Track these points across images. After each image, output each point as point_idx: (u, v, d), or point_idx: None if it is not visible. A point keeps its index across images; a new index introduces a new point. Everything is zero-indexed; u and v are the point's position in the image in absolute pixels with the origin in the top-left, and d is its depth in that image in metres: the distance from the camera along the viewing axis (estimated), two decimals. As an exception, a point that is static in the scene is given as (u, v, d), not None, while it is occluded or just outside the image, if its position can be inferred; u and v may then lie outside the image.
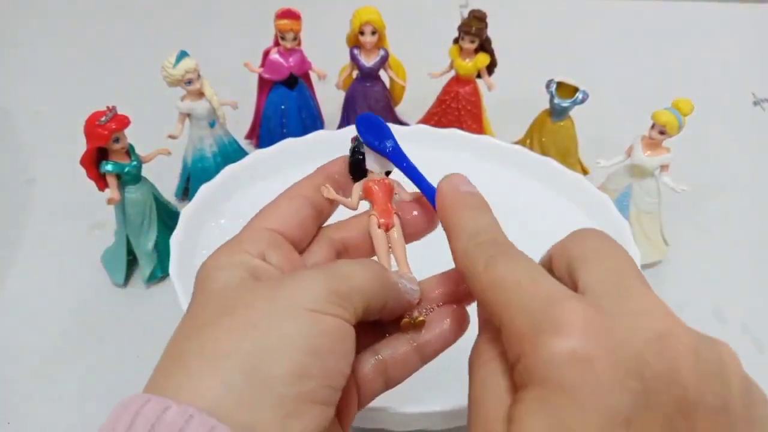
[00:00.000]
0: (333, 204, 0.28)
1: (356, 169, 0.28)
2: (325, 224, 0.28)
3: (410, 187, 0.28)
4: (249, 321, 0.21)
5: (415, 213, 0.28)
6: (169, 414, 0.18)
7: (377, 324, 0.26)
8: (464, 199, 0.25)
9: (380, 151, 0.27)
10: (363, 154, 0.28)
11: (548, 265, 0.23)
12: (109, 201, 0.45)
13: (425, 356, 0.27)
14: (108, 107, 0.43)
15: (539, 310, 0.19)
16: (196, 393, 0.19)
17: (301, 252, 0.27)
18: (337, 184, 0.28)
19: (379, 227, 0.27)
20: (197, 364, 0.20)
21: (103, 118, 0.43)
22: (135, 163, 0.46)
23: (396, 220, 0.27)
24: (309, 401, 0.20)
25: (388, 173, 0.28)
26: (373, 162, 0.28)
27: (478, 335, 0.24)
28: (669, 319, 0.19)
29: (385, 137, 0.27)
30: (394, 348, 0.26)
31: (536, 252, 0.49)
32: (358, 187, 0.28)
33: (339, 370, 0.22)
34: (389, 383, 0.27)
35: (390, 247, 0.27)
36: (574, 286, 0.21)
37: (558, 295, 0.19)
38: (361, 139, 0.27)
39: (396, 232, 0.27)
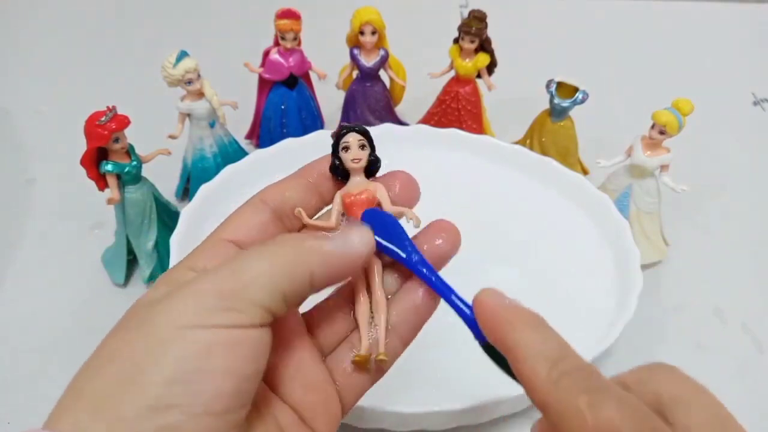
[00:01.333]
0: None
1: (337, 169, 0.26)
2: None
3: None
4: (109, 354, 0.20)
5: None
6: None
7: (347, 310, 0.25)
8: (522, 315, 0.22)
9: (402, 261, 0.24)
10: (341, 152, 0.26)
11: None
12: (109, 201, 0.45)
13: (404, 339, 0.25)
14: (108, 107, 0.43)
15: None
16: None
17: None
18: (316, 188, 0.26)
19: None
20: (60, 403, 0.19)
21: (103, 118, 0.43)
22: (135, 163, 0.46)
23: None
24: None
25: (368, 171, 0.26)
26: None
27: None
28: None
29: (402, 240, 0.24)
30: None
31: (536, 252, 0.49)
32: (337, 202, 0.26)
33: (218, 391, 0.19)
34: (376, 375, 0.25)
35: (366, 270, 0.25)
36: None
37: None
38: (371, 229, 0.24)
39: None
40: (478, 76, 0.59)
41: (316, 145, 0.52)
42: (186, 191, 0.57)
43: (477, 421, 0.38)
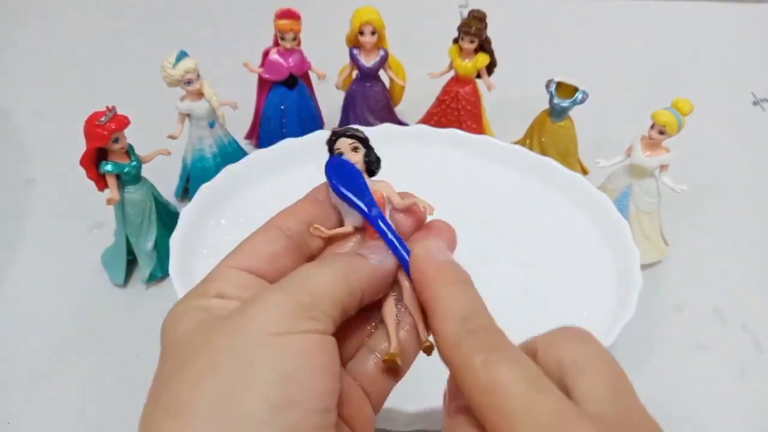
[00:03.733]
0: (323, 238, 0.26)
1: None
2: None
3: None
4: (209, 365, 0.19)
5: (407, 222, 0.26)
6: None
7: (363, 317, 0.25)
8: (446, 272, 0.22)
9: (357, 209, 0.25)
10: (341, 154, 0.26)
11: (532, 356, 0.22)
12: (109, 201, 0.46)
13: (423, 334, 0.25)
14: (108, 107, 0.43)
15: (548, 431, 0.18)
16: None
17: None
18: (328, 205, 0.26)
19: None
20: (164, 425, 0.18)
21: (103, 118, 0.43)
22: (135, 163, 0.46)
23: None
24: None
25: (370, 171, 0.26)
26: (348, 215, 0.25)
27: (453, 422, 0.22)
28: None
29: (361, 192, 0.25)
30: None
31: (536, 252, 0.49)
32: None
33: (324, 388, 0.20)
34: (398, 375, 0.25)
35: None
36: (565, 390, 0.20)
37: (568, 416, 0.18)
38: (332, 189, 0.25)
39: None
40: (478, 76, 0.59)
41: (316, 145, 0.51)
42: (186, 191, 0.57)
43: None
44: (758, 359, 0.47)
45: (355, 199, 0.25)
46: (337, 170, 0.25)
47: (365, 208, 0.25)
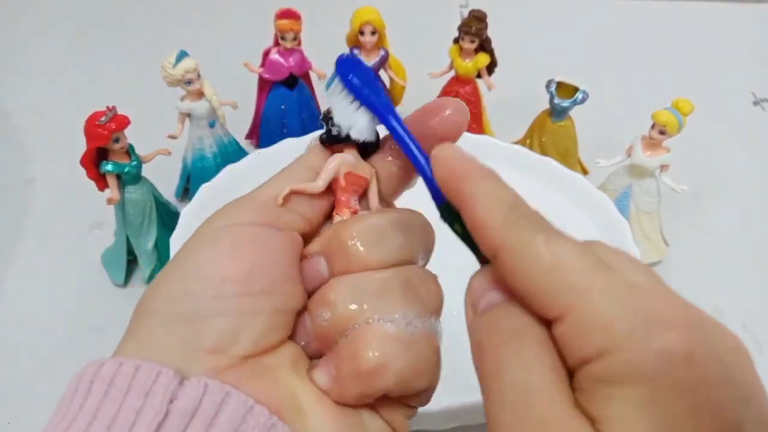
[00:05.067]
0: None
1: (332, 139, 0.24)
2: None
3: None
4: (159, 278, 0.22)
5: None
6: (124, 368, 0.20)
7: None
8: (479, 166, 0.21)
9: (371, 108, 0.23)
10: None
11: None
12: (109, 201, 0.45)
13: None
14: (108, 107, 0.43)
15: (632, 300, 0.17)
16: (132, 351, 0.21)
17: None
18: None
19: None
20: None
21: (103, 118, 0.43)
22: (135, 163, 0.46)
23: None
24: (198, 319, 0.21)
25: (365, 147, 0.24)
26: (353, 126, 0.24)
27: (494, 314, 0.20)
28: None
29: (377, 92, 0.23)
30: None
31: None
32: (330, 168, 0.24)
33: (225, 275, 0.21)
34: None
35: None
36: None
37: (646, 290, 0.17)
38: (345, 83, 0.23)
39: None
40: (478, 76, 0.59)
41: (316, 145, 0.52)
42: (186, 191, 0.57)
43: (479, 421, 0.38)
44: (758, 359, 0.46)
45: (371, 96, 0.23)
46: (352, 67, 0.24)
47: (381, 109, 0.23)
